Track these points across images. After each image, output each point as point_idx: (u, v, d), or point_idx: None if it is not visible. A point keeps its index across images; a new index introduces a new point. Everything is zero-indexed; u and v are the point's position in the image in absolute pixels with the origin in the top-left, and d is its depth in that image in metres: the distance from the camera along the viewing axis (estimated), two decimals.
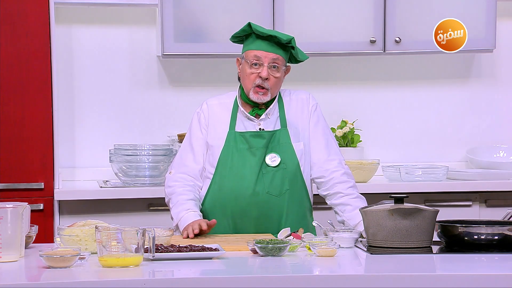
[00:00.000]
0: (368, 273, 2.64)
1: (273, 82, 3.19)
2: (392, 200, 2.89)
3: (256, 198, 3.17)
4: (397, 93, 4.68)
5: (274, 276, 2.50)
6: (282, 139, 3.22)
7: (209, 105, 3.29)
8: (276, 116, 3.25)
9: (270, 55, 3.17)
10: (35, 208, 3.93)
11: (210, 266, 2.62)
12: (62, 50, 4.39)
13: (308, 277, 2.51)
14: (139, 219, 4.01)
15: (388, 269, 2.62)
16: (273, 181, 3.19)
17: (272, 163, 3.20)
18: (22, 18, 4.02)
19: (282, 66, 3.20)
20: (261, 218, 3.18)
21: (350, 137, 4.54)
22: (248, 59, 3.19)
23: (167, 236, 2.86)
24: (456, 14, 4.28)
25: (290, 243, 2.77)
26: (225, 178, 3.20)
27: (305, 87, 4.61)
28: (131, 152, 4.20)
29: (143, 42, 4.51)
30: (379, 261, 2.73)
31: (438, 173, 4.30)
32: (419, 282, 2.47)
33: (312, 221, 3.29)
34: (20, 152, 4.03)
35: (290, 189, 3.20)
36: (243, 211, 3.18)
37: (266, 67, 3.17)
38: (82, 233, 2.76)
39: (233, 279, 2.46)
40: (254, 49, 3.18)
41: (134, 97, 4.52)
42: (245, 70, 3.20)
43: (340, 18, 4.35)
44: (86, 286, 2.40)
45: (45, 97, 4.06)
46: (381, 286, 2.47)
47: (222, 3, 4.28)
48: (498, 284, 2.47)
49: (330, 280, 2.48)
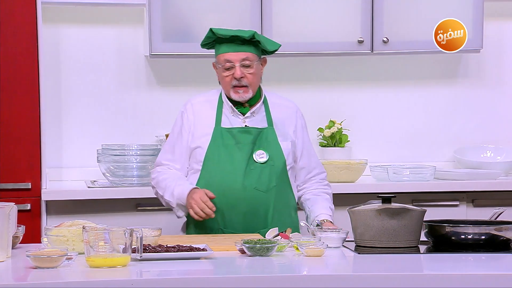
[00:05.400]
0: (356, 272, 2.64)
1: (250, 78, 3.23)
2: (379, 200, 2.90)
3: (244, 193, 3.20)
4: (385, 93, 4.69)
5: (262, 276, 2.50)
6: (270, 137, 3.26)
7: (193, 103, 3.31)
8: (262, 115, 3.28)
9: (239, 55, 3.22)
10: (22, 208, 3.91)
11: (198, 266, 2.62)
12: (50, 49, 4.37)
13: (296, 277, 2.51)
14: (127, 219, 4.00)
15: (375, 269, 2.62)
16: (261, 177, 3.21)
17: (260, 160, 3.22)
18: (9, 18, 4.01)
19: (255, 61, 3.24)
20: (249, 213, 3.20)
21: (338, 137, 4.55)
22: (220, 63, 3.25)
23: (155, 236, 2.86)
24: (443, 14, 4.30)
25: (278, 243, 2.78)
26: (212, 173, 3.22)
27: (292, 87, 4.62)
28: (119, 152, 4.19)
29: (131, 42, 4.50)
30: (366, 261, 2.73)
31: (425, 173, 4.31)
32: (407, 282, 2.47)
33: (297, 219, 3.31)
34: (7, 152, 4.02)
35: (277, 186, 3.23)
36: (232, 206, 3.20)
37: (238, 67, 3.21)
38: (69, 233, 2.75)
39: (221, 279, 2.46)
40: (223, 53, 3.24)
41: (122, 97, 4.51)
42: (220, 74, 3.26)
43: (327, 18, 4.35)
44: (74, 286, 2.40)
45: (32, 97, 4.04)
46: (369, 286, 2.47)
47: (210, 4, 4.27)
48: (485, 283, 2.48)
49: (318, 280, 2.48)
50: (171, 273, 2.54)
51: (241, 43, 3.22)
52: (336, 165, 4.28)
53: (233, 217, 3.20)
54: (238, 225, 3.20)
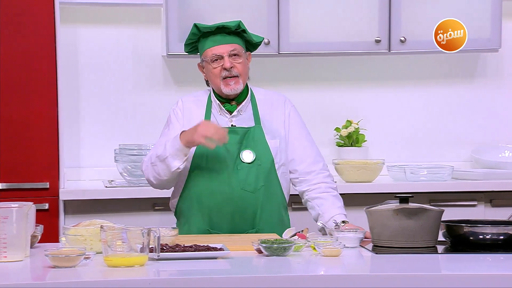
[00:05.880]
0: (373, 273, 2.64)
1: (240, 68, 3.20)
2: (397, 200, 2.89)
3: (231, 194, 3.16)
4: (402, 93, 4.68)
5: (279, 276, 2.50)
6: (257, 135, 3.21)
7: (184, 101, 3.30)
8: (249, 113, 3.24)
9: (227, 47, 3.19)
10: (40, 207, 3.93)
11: (215, 266, 2.62)
12: (67, 50, 4.39)
13: (313, 277, 2.51)
14: (144, 219, 4.01)
15: (393, 269, 2.62)
16: (248, 177, 3.17)
17: (247, 160, 3.18)
18: (27, 18, 4.03)
19: (242, 52, 3.21)
20: (236, 214, 3.17)
21: (355, 137, 4.54)
22: (208, 58, 3.21)
23: (172, 236, 2.86)
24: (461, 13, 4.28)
25: (295, 242, 2.77)
26: (199, 173, 3.18)
27: (309, 87, 4.62)
28: (136, 152, 4.21)
29: (148, 42, 4.51)
30: (384, 261, 2.72)
31: (443, 173, 4.30)
32: (424, 282, 2.47)
33: (288, 218, 3.28)
34: (26, 152, 4.04)
35: (265, 186, 3.19)
36: (219, 206, 3.17)
37: (227, 57, 3.18)
38: (87, 233, 2.76)
39: (238, 278, 2.46)
40: (210, 47, 3.20)
41: (139, 97, 4.53)
42: (209, 69, 3.22)
43: (345, 18, 4.34)
44: (91, 286, 2.41)
45: (50, 97, 4.06)
46: (386, 286, 2.46)
47: (226, 3, 4.28)
48: (503, 284, 2.47)
49: (335, 280, 2.48)
50: (189, 273, 2.54)
51: (226, 34, 3.19)
52: (353, 165, 4.27)
53: (220, 217, 3.17)
54: (225, 225, 3.16)
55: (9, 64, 4.03)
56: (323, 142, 4.58)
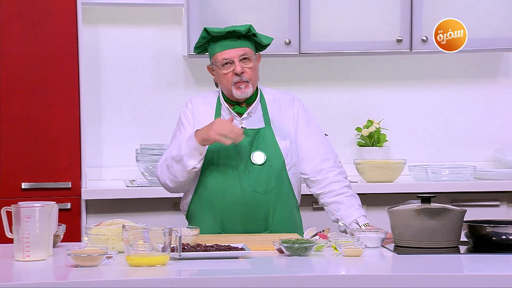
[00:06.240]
0: (395, 273, 2.63)
1: (250, 73, 3.18)
2: (419, 200, 2.88)
3: (243, 196, 3.15)
4: (423, 92, 4.66)
5: (301, 275, 2.50)
6: (267, 137, 3.20)
7: (193, 103, 3.29)
8: (259, 114, 3.23)
9: (237, 51, 3.17)
10: (62, 207, 3.95)
11: (236, 266, 2.62)
12: (89, 50, 4.41)
13: (334, 277, 2.50)
14: (165, 219, 4.02)
15: (415, 269, 2.61)
16: (259, 179, 3.16)
17: (258, 161, 3.17)
18: (49, 19, 4.05)
19: (252, 56, 3.20)
20: (248, 216, 3.16)
21: (376, 137, 4.53)
22: (218, 62, 3.19)
23: (193, 236, 2.87)
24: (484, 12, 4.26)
25: (316, 242, 2.77)
26: (210, 176, 3.17)
27: (330, 87, 4.61)
28: (157, 152, 4.22)
29: (169, 42, 4.52)
30: (406, 261, 2.71)
31: (465, 172, 4.27)
32: (447, 283, 2.45)
33: (300, 218, 3.26)
34: (48, 151, 4.06)
35: (276, 187, 3.17)
36: (230, 209, 3.16)
37: (237, 62, 3.17)
38: (109, 232, 2.77)
39: (260, 278, 2.46)
40: (220, 51, 3.18)
41: (160, 97, 4.54)
42: (219, 73, 3.20)
43: (366, 17, 4.33)
44: (113, 285, 2.41)
45: (72, 97, 4.08)
46: (408, 286, 2.45)
47: (247, 3, 4.28)
48: None
49: (356, 280, 2.47)
50: (210, 272, 2.55)
51: (236, 38, 3.17)
52: (374, 165, 4.25)
53: (233, 220, 3.16)
54: (237, 228, 3.15)
55: (32, 65, 4.06)
56: (344, 142, 4.58)
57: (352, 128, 4.58)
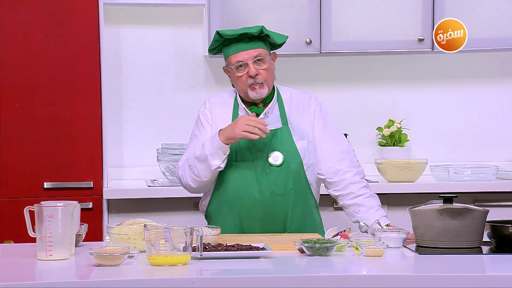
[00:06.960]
0: (417, 273, 2.62)
1: (265, 75, 3.17)
2: (441, 200, 2.86)
3: (261, 198, 3.14)
4: (445, 92, 4.63)
5: (322, 275, 2.50)
6: (284, 137, 3.18)
7: (211, 103, 3.29)
8: (276, 114, 3.22)
9: (250, 53, 3.16)
10: (84, 206, 3.97)
11: (258, 265, 2.62)
12: (111, 50, 4.43)
13: (355, 277, 2.50)
14: (186, 218, 4.03)
15: (437, 270, 2.59)
16: (277, 181, 3.15)
17: (275, 162, 3.16)
18: (71, 19, 4.07)
19: (266, 56, 3.18)
20: (267, 218, 3.15)
21: (398, 137, 4.51)
22: (232, 64, 3.19)
23: (215, 235, 2.87)
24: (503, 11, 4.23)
25: (337, 242, 2.76)
26: (229, 178, 3.17)
27: (352, 86, 4.60)
28: (178, 152, 4.23)
29: (190, 42, 4.53)
30: (427, 262, 2.70)
31: (487, 172, 4.25)
32: (469, 283, 2.44)
33: (320, 218, 3.25)
34: (70, 151, 4.08)
35: (294, 188, 3.16)
36: (249, 211, 3.15)
37: (251, 64, 3.16)
38: (131, 232, 2.78)
39: (281, 278, 2.46)
40: (233, 53, 3.18)
41: (181, 97, 4.55)
42: (234, 75, 3.20)
43: (387, 16, 4.32)
44: (135, 285, 2.42)
45: (93, 97, 4.10)
46: (430, 286, 2.44)
47: (268, 3, 4.28)
48: None
49: (378, 280, 2.46)
50: (231, 272, 2.55)
51: (249, 40, 3.16)
52: (396, 165, 4.24)
53: (251, 221, 3.15)
54: (256, 229, 3.14)
55: (54, 65, 4.08)
56: (365, 141, 4.57)
57: (373, 128, 4.57)
